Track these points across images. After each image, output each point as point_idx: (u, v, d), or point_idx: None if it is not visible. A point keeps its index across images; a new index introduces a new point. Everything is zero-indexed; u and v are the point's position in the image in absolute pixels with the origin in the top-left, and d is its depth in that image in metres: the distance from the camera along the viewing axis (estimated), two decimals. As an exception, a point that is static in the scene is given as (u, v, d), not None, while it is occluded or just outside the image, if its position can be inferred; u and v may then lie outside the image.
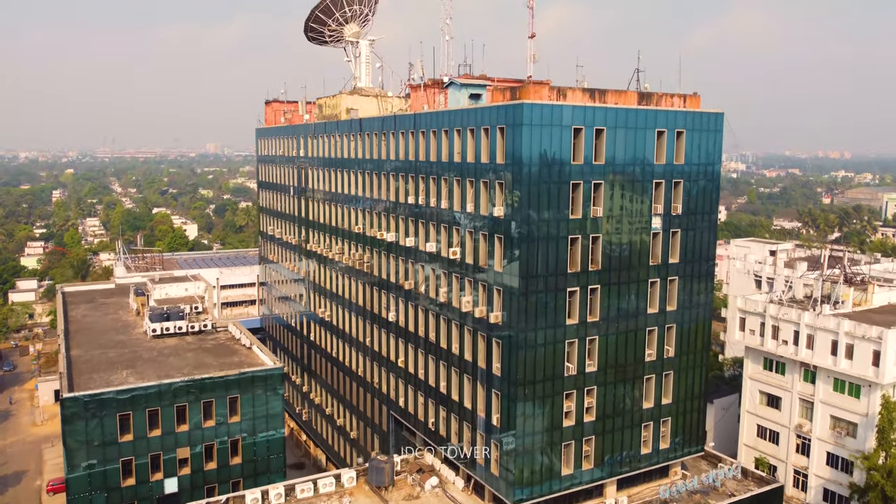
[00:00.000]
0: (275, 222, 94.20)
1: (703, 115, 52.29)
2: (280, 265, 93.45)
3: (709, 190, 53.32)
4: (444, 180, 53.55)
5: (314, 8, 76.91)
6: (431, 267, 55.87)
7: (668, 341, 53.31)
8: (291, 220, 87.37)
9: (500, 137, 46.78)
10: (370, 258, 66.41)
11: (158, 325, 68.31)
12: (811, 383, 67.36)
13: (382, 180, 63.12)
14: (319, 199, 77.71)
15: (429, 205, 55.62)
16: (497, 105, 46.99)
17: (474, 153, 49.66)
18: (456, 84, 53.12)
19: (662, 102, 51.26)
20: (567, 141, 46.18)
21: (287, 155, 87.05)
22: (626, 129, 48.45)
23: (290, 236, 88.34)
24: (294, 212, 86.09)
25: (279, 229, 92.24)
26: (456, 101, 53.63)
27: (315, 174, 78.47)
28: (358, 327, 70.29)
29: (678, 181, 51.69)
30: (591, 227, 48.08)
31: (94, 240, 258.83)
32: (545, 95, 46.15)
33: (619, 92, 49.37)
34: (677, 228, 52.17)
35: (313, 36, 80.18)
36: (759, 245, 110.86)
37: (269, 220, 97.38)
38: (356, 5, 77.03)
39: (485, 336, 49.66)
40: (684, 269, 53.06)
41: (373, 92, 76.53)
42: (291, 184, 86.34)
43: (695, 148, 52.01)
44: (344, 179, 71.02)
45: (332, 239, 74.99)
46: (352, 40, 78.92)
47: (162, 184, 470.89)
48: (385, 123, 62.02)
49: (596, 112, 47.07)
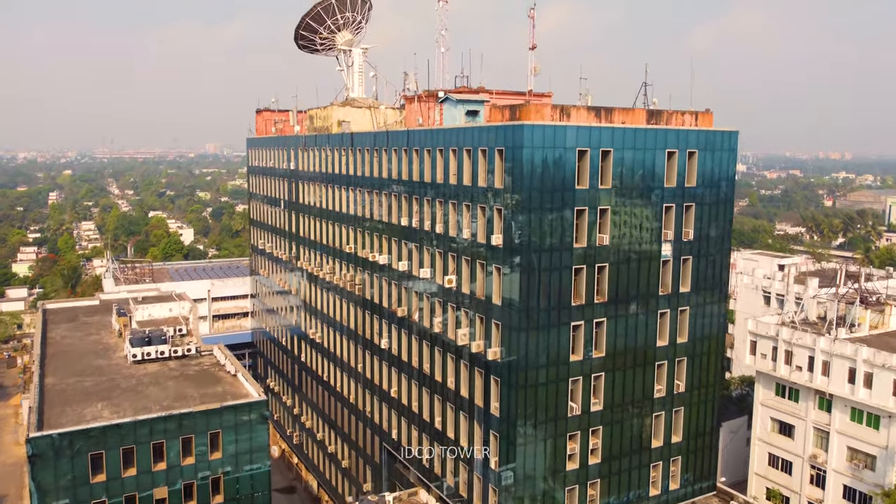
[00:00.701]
0: (265, 236, 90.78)
1: (716, 133, 48.87)
2: (271, 280, 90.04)
3: (722, 213, 49.89)
4: (438, 203, 50.11)
5: (305, 15, 73.50)
6: (426, 294, 52.44)
7: (679, 375, 49.89)
8: (282, 235, 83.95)
9: (498, 160, 43.36)
10: (362, 280, 62.98)
11: (139, 350, 64.77)
12: (827, 412, 63.94)
13: (375, 199, 59.70)
14: (310, 214, 74.28)
15: (423, 228, 52.19)
16: (495, 125, 43.56)
17: (471, 176, 46.23)
18: (451, 100, 49.71)
19: (673, 121, 47.84)
20: (571, 164, 42.75)
21: (277, 167, 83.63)
22: (634, 151, 45.03)
23: (280, 251, 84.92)
24: (285, 226, 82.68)
25: (269, 243, 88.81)
26: (452, 117, 50.23)
27: (306, 188, 75.04)
28: (349, 352, 66.87)
29: (689, 205, 48.26)
30: (597, 255, 44.65)
31: (89, 244, 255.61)
32: (547, 115, 42.74)
33: (626, 110, 45.94)
34: (688, 255, 48.74)
35: (304, 44, 76.74)
36: (768, 259, 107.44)
37: (259, 234, 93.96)
38: (348, 12, 73.60)
39: (482, 372, 46.23)
40: (696, 298, 49.62)
41: (366, 103, 73.10)
42: (282, 197, 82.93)
43: (707, 169, 48.59)
44: (335, 196, 67.61)
45: (322, 257, 71.57)
46: (344, 49, 75.50)
47: (160, 185, 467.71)
48: (377, 139, 58.61)
49: (602, 132, 43.64)
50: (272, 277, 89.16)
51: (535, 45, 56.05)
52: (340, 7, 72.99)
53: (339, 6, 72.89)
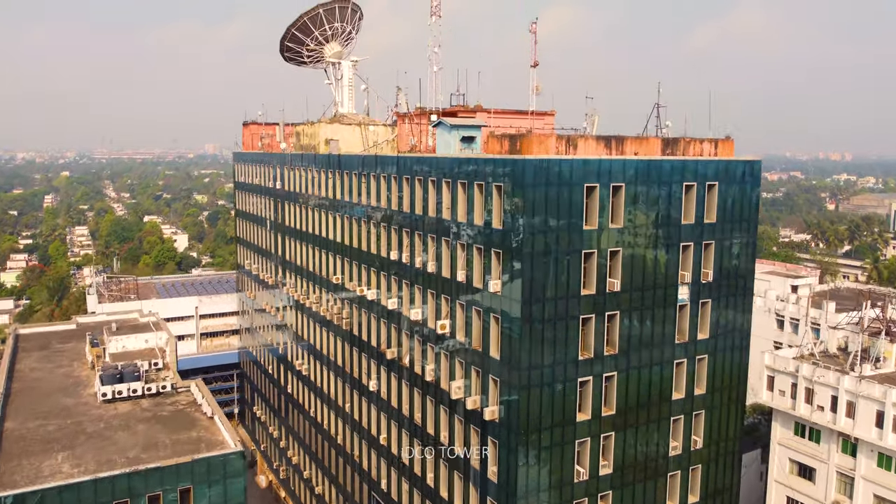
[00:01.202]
0: (252, 256, 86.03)
1: (738, 163, 44.13)
2: (257, 302, 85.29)
3: (744, 251, 45.14)
4: (430, 238, 45.38)
5: (290, 26, 68.66)
6: (417, 338, 47.70)
7: (696, 430, 45.14)
8: (268, 257, 79.20)
9: (496, 197, 38.63)
10: (349, 314, 58.24)
11: (110, 388, 59.92)
12: (851, 456, 59.23)
13: (363, 227, 54.95)
14: (297, 238, 69.53)
15: (414, 264, 47.46)
16: (493, 158, 38.81)
17: (465, 212, 41.50)
18: (445, 125, 44.96)
19: (690, 150, 43.11)
20: (578, 202, 38.03)
21: (263, 185, 78.89)
22: (648, 185, 40.29)
23: (266, 274, 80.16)
24: (271, 248, 77.93)
25: (256, 264, 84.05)
26: (445, 143, 45.46)
27: (292, 210, 70.29)
28: (336, 388, 62.12)
29: (709, 243, 43.53)
30: (608, 303, 39.90)
31: (81, 251, 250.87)
32: (551, 146, 38.02)
33: (639, 139, 41.21)
34: (707, 298, 44.00)
35: (290, 56, 71.93)
36: (780, 279, 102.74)
37: (245, 253, 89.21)
38: (337, 23, 68.80)
39: (479, 431, 41.49)
40: (715, 345, 44.88)
41: (355, 119, 68.32)
42: (268, 217, 78.18)
43: (728, 202, 43.84)
44: (322, 220, 62.87)
45: (309, 285, 66.82)
46: (333, 61, 70.71)
47: (156, 188, 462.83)
48: (366, 163, 53.86)
49: (613, 166, 38.91)
50: (258, 300, 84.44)
51: (536, 63, 51.31)
52: (329, 17, 68.20)
53: (328, 16, 68.13)
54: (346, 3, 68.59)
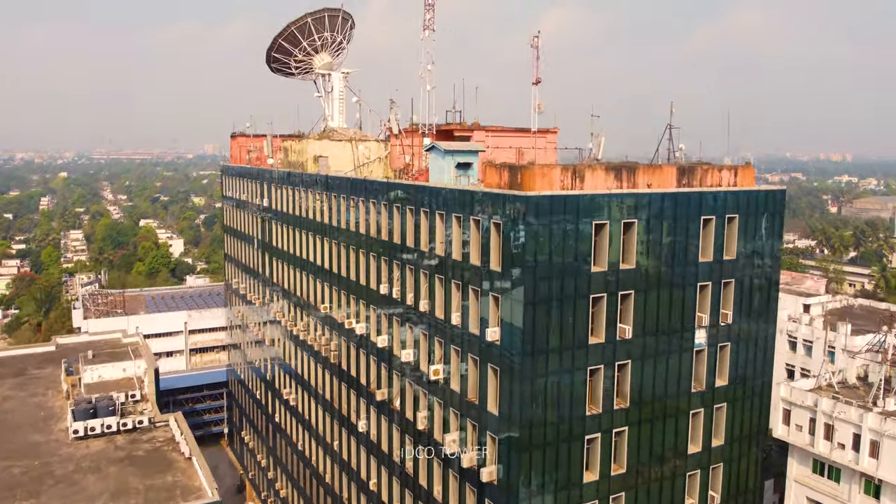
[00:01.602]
0: (239, 275, 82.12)
1: (760, 194, 40.23)
2: (245, 324, 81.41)
3: (766, 289, 41.23)
4: (423, 274, 41.50)
5: (277, 36, 64.74)
6: (409, 380, 43.80)
7: (714, 486, 41.24)
8: (255, 277, 75.31)
9: (495, 235, 34.75)
10: (338, 346, 54.35)
11: (82, 424, 56.04)
12: (874, 497, 55.32)
13: (352, 255, 51.05)
14: (284, 260, 65.64)
15: (405, 301, 43.56)
16: (491, 193, 34.90)
17: (460, 249, 37.62)
18: (439, 149, 41.05)
19: (708, 179, 39.19)
20: (586, 241, 34.13)
21: (251, 201, 74.96)
22: (662, 221, 36.39)
23: (253, 294, 76.27)
24: (258, 268, 74.01)
25: (244, 284, 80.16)
26: (439, 169, 41.55)
27: (280, 230, 66.39)
28: (324, 424, 58.22)
29: (728, 281, 39.62)
30: (618, 352, 36.00)
31: (74, 256, 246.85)
32: (556, 179, 34.11)
33: (652, 168, 37.27)
34: (726, 342, 40.08)
35: (277, 67, 68.03)
36: (792, 297, 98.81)
37: (233, 271, 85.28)
38: (327, 33, 64.90)
39: (475, 492, 37.60)
40: (734, 392, 40.97)
41: (346, 135, 64.41)
42: (256, 235, 74.26)
43: (750, 236, 39.94)
44: (310, 244, 58.98)
45: (297, 311, 62.93)
46: (323, 73, 66.81)
47: (154, 190, 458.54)
48: (354, 186, 49.97)
49: (624, 200, 35.01)
50: (246, 320, 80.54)
51: (538, 80, 47.47)
52: (318, 27, 64.31)
53: (317, 26, 64.24)
54: (336, 13, 64.73)
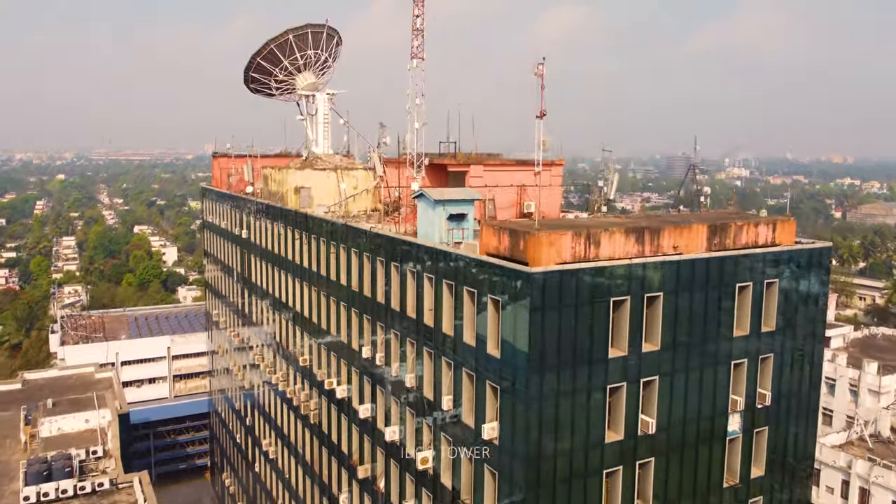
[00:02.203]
0: (219, 307, 76.40)
1: (803, 253, 34.44)
2: (225, 361, 75.67)
3: (809, 363, 35.44)
4: (410, 344, 35.75)
5: (255, 55, 58.88)
6: (395, 462, 38.04)
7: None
8: (235, 313, 69.58)
9: (492, 313, 29.01)
10: (318, 406, 48.61)
11: (34, 489, 50.17)
12: (917, 573, 49.68)
13: (332, 306, 45.30)
14: (263, 299, 59.94)
15: (390, 370, 37.79)
16: (488, 264, 29.12)
17: (452, 324, 31.88)
18: (428, 199, 35.25)
19: (742, 237, 33.37)
20: (602, 323, 28.36)
21: (230, 230, 69.22)
22: (692, 291, 30.61)
23: (233, 331, 70.55)
24: (237, 303, 68.30)
25: (224, 318, 74.44)
26: (428, 221, 35.77)
27: (259, 266, 60.67)
28: (306, 489, 52.45)
29: (766, 356, 33.85)
30: (639, 448, 30.23)
31: (64, 266, 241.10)
32: (565, 247, 28.32)
33: (679, 228, 31.43)
34: (763, 426, 34.29)
35: (256, 88, 62.23)
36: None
37: (214, 302, 79.57)
38: (310, 50, 59.07)
39: None
40: (771, 482, 35.17)
41: (331, 163, 58.58)
42: (235, 267, 68.52)
43: (791, 303, 34.15)
44: (289, 286, 53.26)
45: (276, 358, 57.22)
46: (306, 94, 60.99)
47: (151, 193, 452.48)
48: (335, 231, 44.20)
49: (647, 271, 29.22)
50: (226, 357, 74.81)
51: (544, 113, 41.63)
52: (300, 44, 58.48)
53: (299, 43, 58.43)
54: (320, 29, 58.91)
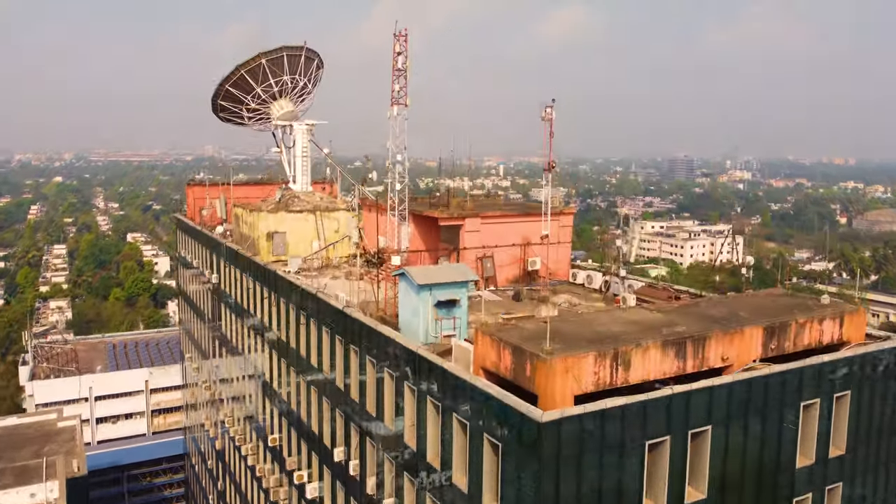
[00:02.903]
0: (192, 350, 69.62)
1: (882, 354, 27.52)
2: (198, 415, 68.89)
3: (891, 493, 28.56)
4: (388, 461, 28.90)
5: (223, 81, 52.00)
6: None
7: None
8: (207, 362, 62.82)
9: (490, 454, 22.18)
10: (288, 496, 41.78)
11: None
12: None
13: (303, 388, 38.51)
14: (234, 356, 53.17)
15: (364, 485, 30.96)
16: (485, 395, 22.24)
17: (438, 451, 25.04)
18: (411, 282, 28.39)
19: (805, 336, 26.47)
20: (634, 473, 21.51)
21: (202, 271, 62.43)
22: (746, 419, 23.76)
23: (204, 381, 63.79)
24: (209, 352, 61.54)
25: (195, 364, 67.68)
26: (411, 309, 28.93)
27: (229, 319, 53.90)
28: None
29: (834, 487, 26.96)
30: None
31: (53, 277, 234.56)
32: (587, 372, 21.49)
33: (728, 335, 24.51)
34: (830, 574, 27.40)
35: (226, 117, 55.45)
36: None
37: (188, 344, 72.78)
38: (286, 76, 52.24)
39: None
40: None
41: (309, 202, 51.74)
42: (207, 313, 61.75)
43: (865, 419, 27.29)
44: (259, 351, 46.47)
45: (246, 427, 50.45)
46: (282, 124, 54.21)
47: (147, 197, 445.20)
48: (303, 301, 37.36)
49: (691, 403, 22.37)
50: (199, 412, 68.04)
51: (553, 164, 34.91)
52: (274, 69, 51.66)
53: (273, 68, 51.62)
54: (297, 52, 52.10)
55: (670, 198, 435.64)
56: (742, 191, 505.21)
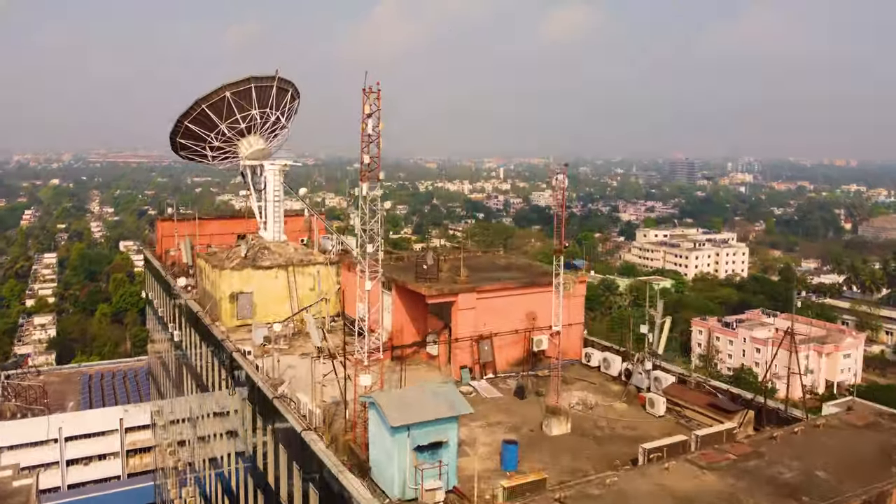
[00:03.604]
0: (160, 404, 62.96)
1: None
2: (165, 475, 62.23)
3: None
4: None
5: (182, 117, 45.10)
6: None
7: None
8: (170, 415, 56.16)
9: None
10: None
11: None
12: None
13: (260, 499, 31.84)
14: (194, 429, 46.49)
15: None
16: None
17: None
18: (382, 420, 21.72)
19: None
20: None
21: (166, 320, 55.79)
22: None
23: (169, 446, 57.09)
24: (170, 409, 54.89)
25: (161, 419, 61.07)
26: (385, 451, 22.19)
27: (189, 384, 47.24)
28: None
29: None
30: None
31: (40, 289, 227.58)
32: None
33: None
34: None
35: (187, 156, 48.73)
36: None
37: (155, 392, 66.13)
38: (255, 109, 45.43)
39: None
40: None
41: (281, 256, 44.99)
42: (171, 368, 55.10)
43: None
44: (214, 434, 39.82)
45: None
46: (251, 163, 47.46)
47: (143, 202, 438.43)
48: (260, 402, 30.64)
49: None
50: (166, 474, 61.37)
51: (565, 246, 28.15)
52: (241, 103, 44.84)
53: (240, 101, 44.81)
54: (267, 82, 45.32)
55: (672, 202, 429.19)
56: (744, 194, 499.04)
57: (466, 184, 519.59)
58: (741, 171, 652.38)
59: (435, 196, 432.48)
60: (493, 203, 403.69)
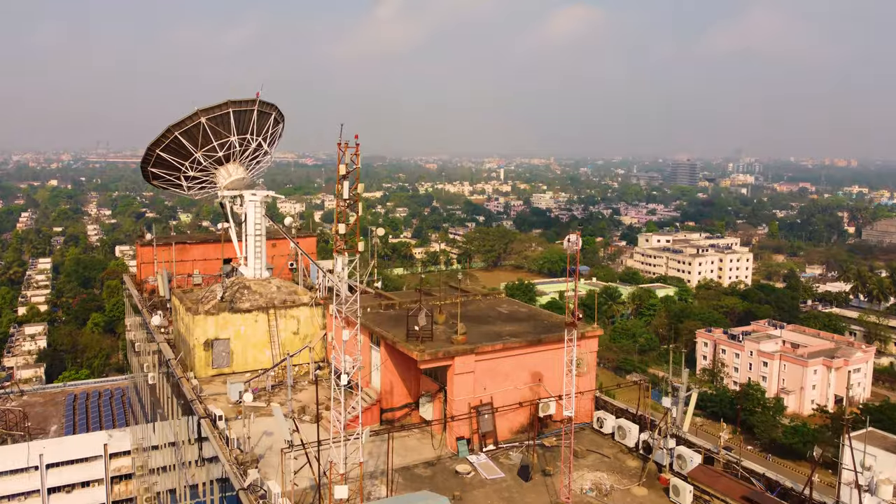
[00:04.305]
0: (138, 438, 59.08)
1: None
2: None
3: None
4: None
5: (153, 145, 41.21)
6: None
7: None
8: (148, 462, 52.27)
9: None
10: None
11: None
12: None
13: None
14: (166, 482, 42.62)
15: None
16: None
17: None
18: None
19: None
20: None
21: (142, 354, 51.87)
22: None
23: (144, 483, 53.21)
24: (147, 455, 50.99)
25: (140, 463, 57.16)
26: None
27: (159, 433, 43.33)
28: None
29: None
30: None
31: (32, 296, 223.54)
32: None
33: None
34: None
35: (160, 185, 44.83)
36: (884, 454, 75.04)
37: (134, 424, 62.19)
38: (234, 136, 41.51)
39: None
40: None
41: (262, 296, 41.01)
42: (147, 405, 51.20)
43: None
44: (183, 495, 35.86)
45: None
46: (230, 194, 43.49)
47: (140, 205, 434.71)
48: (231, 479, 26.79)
49: None
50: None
51: (579, 318, 24.21)
52: (218, 129, 40.91)
53: (217, 128, 40.88)
54: (248, 106, 41.40)
55: (674, 204, 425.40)
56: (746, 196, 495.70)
57: (466, 185, 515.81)
58: (742, 172, 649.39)
59: (435, 198, 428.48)
60: (494, 206, 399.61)
